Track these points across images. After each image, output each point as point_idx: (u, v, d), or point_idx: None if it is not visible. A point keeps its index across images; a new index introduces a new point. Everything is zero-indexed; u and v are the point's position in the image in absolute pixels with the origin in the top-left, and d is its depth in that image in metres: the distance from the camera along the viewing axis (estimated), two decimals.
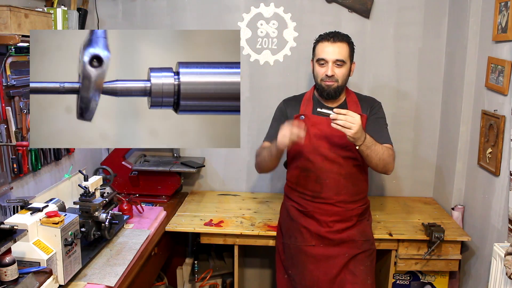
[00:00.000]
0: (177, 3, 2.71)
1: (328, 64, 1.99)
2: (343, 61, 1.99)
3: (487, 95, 2.19)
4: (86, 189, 1.98)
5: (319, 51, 2.03)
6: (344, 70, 2.01)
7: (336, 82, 2.01)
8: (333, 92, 2.03)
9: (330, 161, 2.05)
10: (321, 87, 2.04)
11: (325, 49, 2.00)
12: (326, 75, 2.00)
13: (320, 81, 2.03)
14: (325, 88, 2.02)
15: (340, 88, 2.04)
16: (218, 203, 2.70)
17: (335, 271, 2.03)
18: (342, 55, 1.99)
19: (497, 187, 2.07)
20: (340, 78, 2.01)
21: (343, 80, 2.03)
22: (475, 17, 2.30)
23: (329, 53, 1.98)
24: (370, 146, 1.89)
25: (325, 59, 1.99)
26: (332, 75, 1.99)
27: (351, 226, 2.08)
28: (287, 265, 2.15)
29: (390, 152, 2.01)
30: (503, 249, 1.77)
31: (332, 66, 1.99)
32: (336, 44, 1.99)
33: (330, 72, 1.98)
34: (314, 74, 2.08)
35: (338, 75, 2.00)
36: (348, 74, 2.05)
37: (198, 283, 2.64)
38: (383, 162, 1.96)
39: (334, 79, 2.00)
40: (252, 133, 2.82)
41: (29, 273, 1.51)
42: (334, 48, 1.98)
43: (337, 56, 1.98)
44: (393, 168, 2.05)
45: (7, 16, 1.65)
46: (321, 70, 2.02)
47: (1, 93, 1.85)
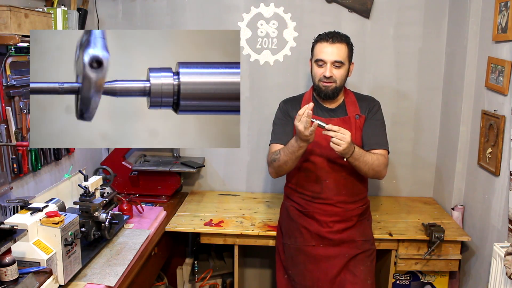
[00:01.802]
0: (177, 3, 2.71)
1: (326, 65, 1.99)
2: (342, 62, 1.99)
3: (487, 95, 2.19)
4: (86, 189, 1.98)
5: (317, 51, 2.02)
6: (342, 71, 2.01)
7: (334, 83, 2.00)
8: (331, 93, 2.02)
9: (330, 162, 2.05)
10: (318, 88, 2.04)
11: (323, 50, 1.99)
12: (324, 76, 1.99)
13: (318, 82, 2.03)
14: (323, 89, 2.02)
15: (338, 89, 2.04)
16: (218, 203, 2.70)
17: (335, 271, 2.03)
18: (340, 56, 1.98)
19: (497, 187, 2.07)
20: (338, 79, 2.00)
21: (341, 81, 2.02)
22: (475, 17, 2.30)
23: (328, 54, 1.98)
24: (359, 158, 1.92)
25: (324, 60, 1.99)
26: (330, 76, 1.98)
27: (351, 226, 2.08)
28: (287, 265, 2.15)
29: (382, 160, 2.02)
30: (503, 249, 1.77)
31: (331, 67, 1.98)
32: (335, 45, 1.98)
33: (328, 73, 1.98)
34: (312, 75, 2.08)
35: (336, 76, 1.99)
36: (347, 75, 2.05)
37: (198, 283, 2.64)
38: (373, 171, 1.99)
39: (332, 80, 2.00)
40: (252, 133, 2.82)
41: (29, 273, 1.51)
42: (332, 49, 1.98)
43: (335, 57, 1.98)
44: (385, 174, 2.07)
45: (7, 16, 1.65)
46: (319, 71, 2.01)
47: (1, 93, 1.85)
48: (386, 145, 2.09)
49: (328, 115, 2.08)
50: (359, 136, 2.06)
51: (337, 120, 2.05)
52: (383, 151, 2.06)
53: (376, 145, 2.05)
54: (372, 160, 1.97)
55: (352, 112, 2.08)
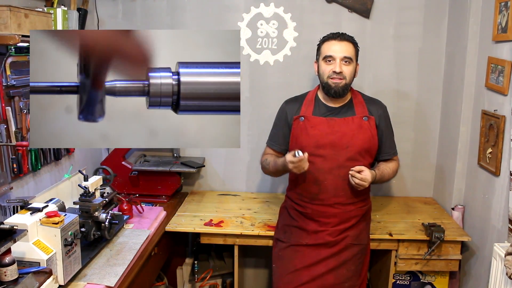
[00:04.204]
0: (177, 3, 2.71)
1: (335, 61, 2.00)
2: (351, 59, 2.01)
3: (487, 95, 2.19)
4: (86, 189, 1.98)
5: (325, 49, 2.04)
6: (351, 68, 2.02)
7: (344, 80, 2.01)
8: (341, 90, 2.02)
9: (329, 163, 2.04)
10: (327, 86, 2.04)
11: (332, 47, 2.01)
12: (334, 71, 2.00)
13: (327, 79, 2.03)
14: (332, 86, 2.02)
15: (347, 87, 2.05)
16: (218, 203, 2.70)
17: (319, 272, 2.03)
18: (349, 53, 2.01)
19: (497, 187, 2.07)
20: (347, 75, 2.02)
21: (350, 79, 2.03)
22: (475, 17, 2.30)
23: (337, 50, 2.00)
24: (378, 180, 2.09)
25: (333, 56, 2.00)
26: (340, 72, 1.99)
27: (350, 227, 2.07)
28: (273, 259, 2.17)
29: (396, 167, 2.24)
30: (503, 249, 1.77)
31: (340, 63, 1.99)
32: (343, 42, 2.01)
33: (338, 68, 1.99)
34: (319, 73, 2.07)
35: (346, 73, 2.01)
36: (354, 73, 2.07)
37: (198, 283, 2.64)
38: (386, 181, 2.25)
39: (342, 75, 2.00)
40: (252, 133, 2.82)
41: (29, 273, 1.51)
42: (341, 46, 2.00)
43: (344, 53, 2.00)
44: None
45: (7, 16, 1.65)
46: (328, 67, 2.02)
47: (1, 93, 1.85)
48: (396, 149, 2.24)
49: (331, 114, 2.08)
50: (368, 137, 2.06)
51: (338, 120, 2.05)
52: (396, 157, 2.24)
53: (393, 154, 2.21)
54: (389, 173, 2.15)
55: (360, 113, 2.08)
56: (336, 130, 2.04)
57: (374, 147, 2.09)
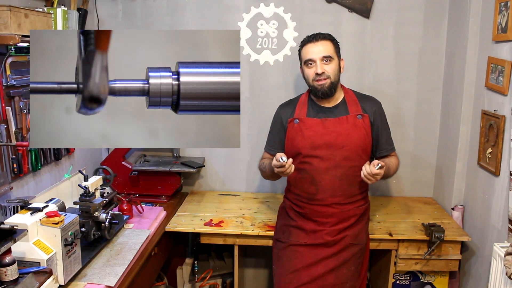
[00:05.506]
0: (177, 3, 2.71)
1: (316, 63, 2.02)
2: (330, 57, 2.02)
3: (487, 95, 2.19)
4: (86, 189, 1.98)
5: (304, 53, 2.06)
6: (333, 66, 2.03)
7: (328, 79, 2.02)
8: (328, 90, 2.03)
9: (325, 163, 2.04)
10: (314, 88, 2.06)
11: (309, 50, 2.03)
12: (316, 73, 2.01)
13: (312, 82, 2.05)
14: (319, 88, 2.04)
15: (334, 85, 2.05)
16: (218, 203, 2.70)
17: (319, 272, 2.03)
18: (327, 52, 2.02)
19: (497, 187, 2.07)
20: (331, 74, 2.02)
21: (334, 77, 2.04)
22: (475, 17, 2.30)
23: (315, 52, 2.02)
24: (384, 175, 2.01)
25: (312, 59, 2.02)
26: (322, 72, 2.01)
27: (348, 226, 2.07)
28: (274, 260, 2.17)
29: (397, 162, 2.21)
30: (503, 249, 1.77)
31: (321, 63, 2.01)
32: (319, 42, 2.03)
33: (320, 69, 2.01)
34: (305, 78, 2.10)
35: (328, 72, 2.02)
36: (339, 70, 2.07)
37: (198, 283, 2.65)
38: (391, 175, 2.17)
39: (325, 75, 2.01)
40: (252, 133, 2.82)
41: (29, 273, 1.51)
42: (318, 46, 2.02)
43: (323, 53, 2.01)
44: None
45: (7, 16, 1.65)
46: (311, 70, 2.04)
47: (1, 93, 1.85)
48: (394, 145, 2.23)
49: (324, 115, 2.08)
50: (363, 135, 2.06)
51: (332, 120, 2.05)
52: (394, 152, 2.23)
53: (391, 150, 2.20)
54: (393, 168, 2.15)
55: (354, 111, 2.08)
56: (331, 131, 2.04)
57: (369, 145, 2.10)
